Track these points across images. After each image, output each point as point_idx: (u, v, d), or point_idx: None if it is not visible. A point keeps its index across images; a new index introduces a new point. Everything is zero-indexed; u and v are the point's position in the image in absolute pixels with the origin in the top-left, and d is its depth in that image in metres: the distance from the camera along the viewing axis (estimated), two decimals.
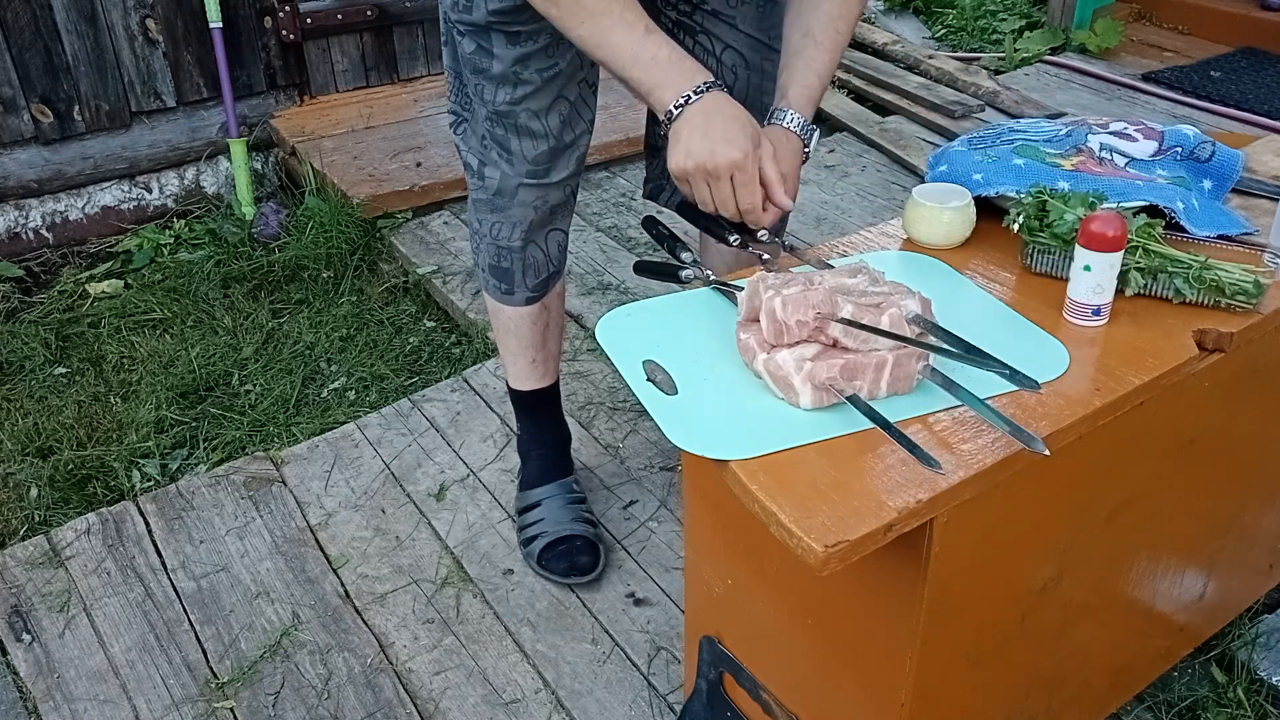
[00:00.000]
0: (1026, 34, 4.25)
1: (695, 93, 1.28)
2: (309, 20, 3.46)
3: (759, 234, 1.36)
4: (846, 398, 1.08)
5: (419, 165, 3.22)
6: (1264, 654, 1.68)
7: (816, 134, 1.45)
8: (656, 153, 1.86)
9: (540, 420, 2.00)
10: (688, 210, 1.63)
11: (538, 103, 1.59)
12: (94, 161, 3.22)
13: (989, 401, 1.07)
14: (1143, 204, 1.35)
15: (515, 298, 1.81)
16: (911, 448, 1.01)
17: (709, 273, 1.35)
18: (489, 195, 1.70)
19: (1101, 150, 1.47)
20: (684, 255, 1.46)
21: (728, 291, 1.30)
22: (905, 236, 1.43)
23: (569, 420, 2.10)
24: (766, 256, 1.36)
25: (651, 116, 1.81)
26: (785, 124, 1.41)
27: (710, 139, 1.27)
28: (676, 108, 1.29)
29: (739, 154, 1.26)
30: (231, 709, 1.72)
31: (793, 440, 1.05)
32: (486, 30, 1.53)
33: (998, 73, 3.98)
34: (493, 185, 1.68)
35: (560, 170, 1.67)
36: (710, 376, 1.15)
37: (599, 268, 2.85)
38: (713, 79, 1.30)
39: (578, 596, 1.88)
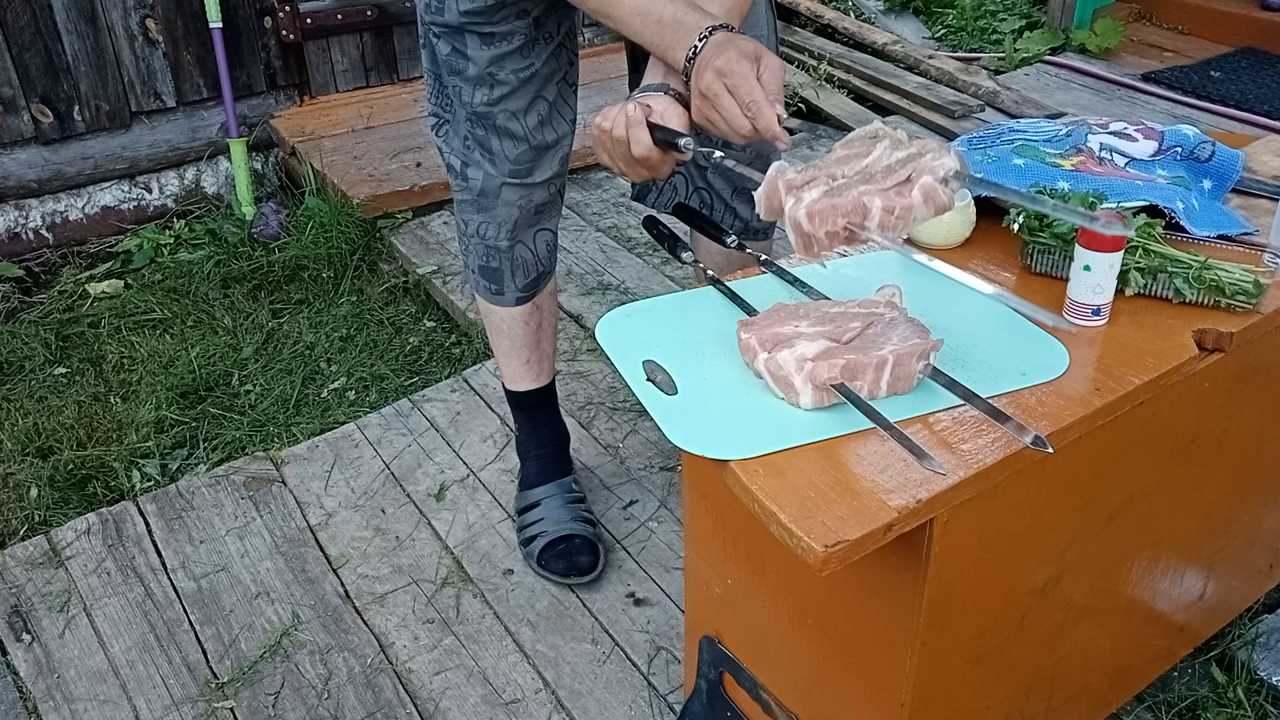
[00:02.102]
0: (1026, 34, 4.25)
1: (700, 41, 1.28)
2: (309, 20, 3.46)
3: (782, 123, 1.32)
4: (847, 398, 1.08)
5: (419, 165, 3.22)
6: (1264, 654, 1.68)
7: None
8: None
9: (537, 420, 2.00)
10: (684, 211, 1.63)
11: (515, 103, 1.59)
12: (94, 161, 3.22)
13: (989, 401, 1.07)
14: (1143, 204, 1.35)
15: (505, 298, 1.81)
16: (911, 448, 1.01)
17: (706, 269, 1.35)
18: (473, 196, 1.70)
19: (1101, 150, 1.47)
20: (684, 255, 1.46)
21: (728, 291, 1.30)
22: (905, 236, 1.43)
23: (569, 420, 2.11)
24: (765, 257, 1.36)
25: None
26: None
27: (709, 70, 1.26)
28: (689, 62, 1.29)
29: (722, 63, 1.25)
30: (231, 709, 1.72)
31: (793, 440, 1.05)
32: (460, 32, 1.54)
33: (998, 73, 3.98)
34: (476, 186, 1.69)
35: (543, 170, 1.68)
36: (710, 376, 1.15)
37: (599, 268, 2.85)
38: (714, 22, 1.30)
39: (578, 596, 1.88)
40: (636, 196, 1.90)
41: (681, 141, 1.29)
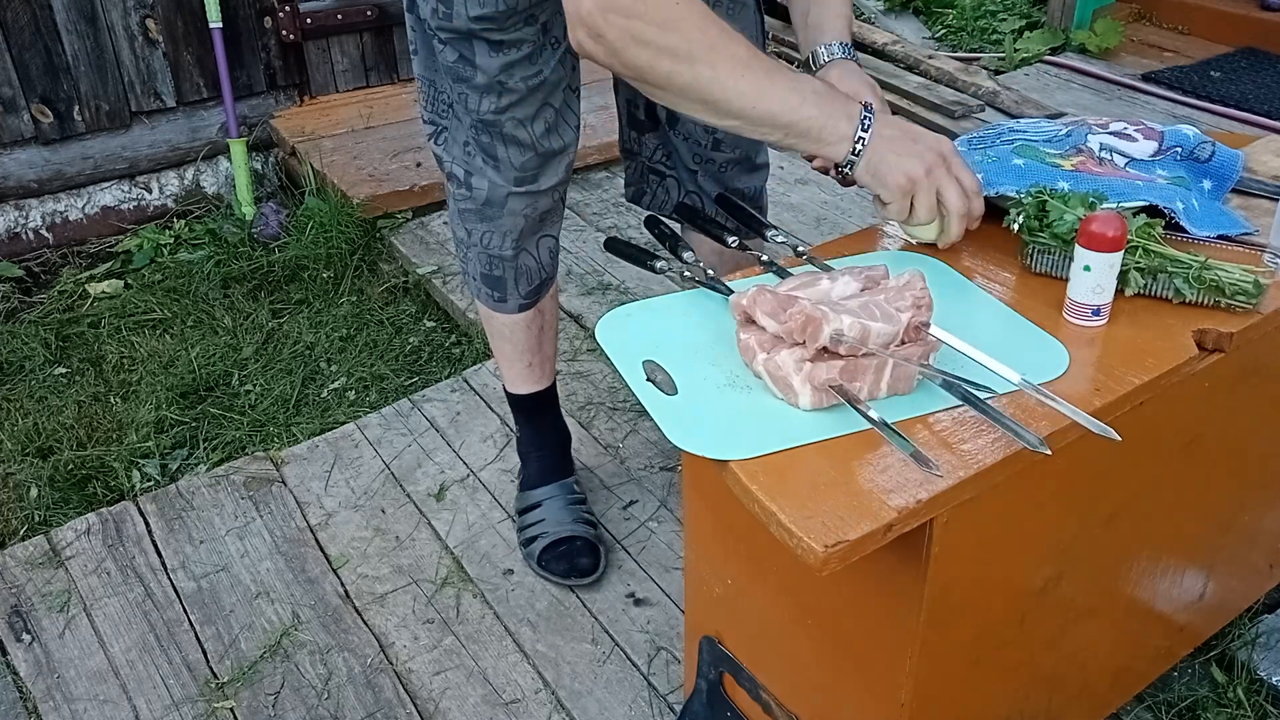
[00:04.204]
0: (1026, 34, 4.25)
1: (863, 129, 1.23)
2: (309, 20, 3.46)
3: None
4: (846, 400, 1.08)
5: (419, 165, 3.22)
6: (1264, 654, 1.68)
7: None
8: (633, 156, 1.85)
9: (539, 422, 1.99)
10: (685, 211, 1.62)
11: (523, 111, 1.57)
12: (94, 161, 3.22)
13: (989, 401, 1.07)
14: (1143, 204, 1.35)
15: (508, 305, 1.80)
16: (909, 449, 1.01)
17: (687, 271, 1.33)
18: (478, 205, 1.68)
19: (1101, 150, 1.47)
20: (685, 255, 1.46)
21: (727, 291, 1.30)
22: (905, 237, 1.43)
23: (569, 420, 2.10)
24: (766, 257, 1.36)
25: (624, 120, 1.81)
26: (847, 56, 1.43)
27: (910, 150, 1.25)
28: (857, 151, 1.24)
29: (946, 146, 1.27)
30: (231, 709, 1.72)
31: (793, 440, 1.05)
32: (468, 38, 1.50)
33: (998, 73, 3.98)
34: (481, 195, 1.66)
35: (549, 177, 1.66)
36: (710, 376, 1.15)
37: (599, 268, 2.85)
38: (863, 103, 1.26)
39: (578, 596, 1.88)
40: (632, 199, 1.90)
41: (657, 265, 1.37)
